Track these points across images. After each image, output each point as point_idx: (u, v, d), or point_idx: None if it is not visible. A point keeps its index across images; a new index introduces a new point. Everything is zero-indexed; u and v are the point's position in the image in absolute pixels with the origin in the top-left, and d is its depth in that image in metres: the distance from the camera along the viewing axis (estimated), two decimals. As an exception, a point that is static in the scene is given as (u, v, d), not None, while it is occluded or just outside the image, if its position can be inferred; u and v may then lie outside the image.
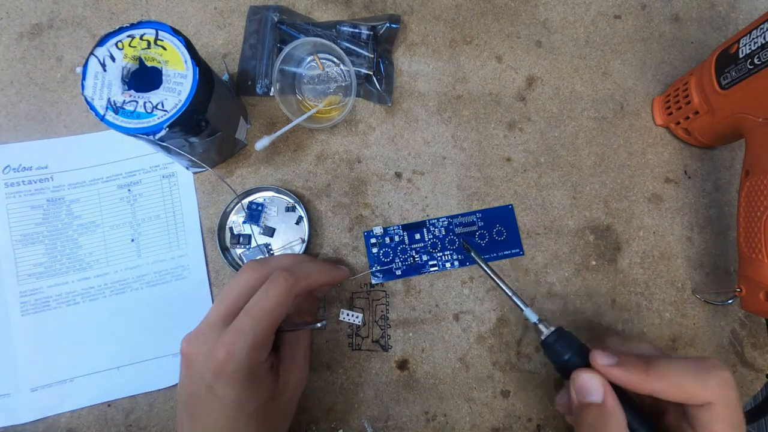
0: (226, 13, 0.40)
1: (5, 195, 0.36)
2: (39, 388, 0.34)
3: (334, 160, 0.38)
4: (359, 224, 0.37)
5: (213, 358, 0.25)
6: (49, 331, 0.35)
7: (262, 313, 0.26)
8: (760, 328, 0.37)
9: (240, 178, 0.38)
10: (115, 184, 0.37)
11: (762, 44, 0.29)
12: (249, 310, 0.27)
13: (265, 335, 0.26)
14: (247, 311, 0.27)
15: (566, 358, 0.27)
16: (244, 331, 0.26)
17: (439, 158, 0.39)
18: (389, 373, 0.35)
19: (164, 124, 0.28)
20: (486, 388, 0.35)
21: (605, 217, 0.38)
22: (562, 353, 0.27)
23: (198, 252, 0.37)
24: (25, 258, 0.36)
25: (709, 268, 0.38)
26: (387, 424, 0.35)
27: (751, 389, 0.36)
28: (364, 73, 0.38)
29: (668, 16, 0.42)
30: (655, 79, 0.41)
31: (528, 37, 0.41)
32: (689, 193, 0.39)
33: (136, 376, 0.35)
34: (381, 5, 0.41)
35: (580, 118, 0.40)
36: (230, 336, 0.26)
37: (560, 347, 0.28)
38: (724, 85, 0.33)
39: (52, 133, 0.38)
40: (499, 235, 0.37)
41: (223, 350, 0.25)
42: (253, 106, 0.39)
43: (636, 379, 0.24)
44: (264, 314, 0.26)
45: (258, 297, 0.27)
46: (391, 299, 0.36)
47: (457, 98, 0.40)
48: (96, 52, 0.29)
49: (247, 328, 0.26)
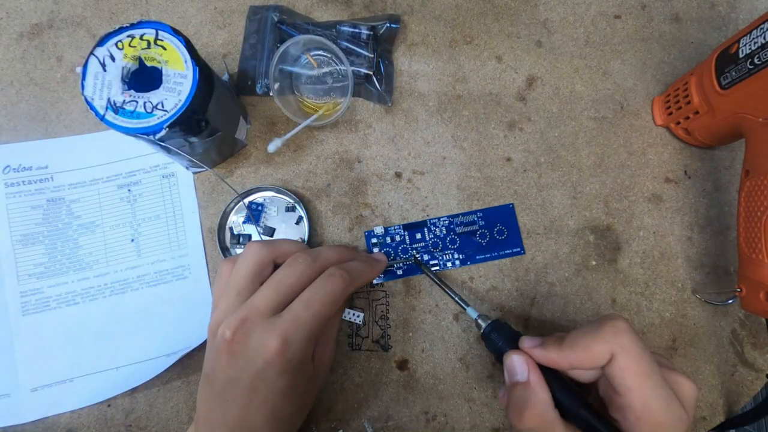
0: (226, 13, 0.40)
1: (5, 195, 0.36)
2: (39, 388, 0.34)
3: (334, 160, 0.38)
4: (359, 224, 0.37)
5: (265, 346, 0.25)
6: (49, 331, 0.35)
7: (319, 307, 0.27)
8: (760, 328, 0.37)
9: (240, 178, 0.38)
10: (115, 184, 0.37)
11: (762, 44, 0.29)
12: (308, 303, 0.27)
13: (319, 328, 0.27)
14: (306, 303, 0.27)
15: (500, 345, 0.29)
16: (301, 323, 0.26)
17: (439, 158, 0.39)
18: (389, 373, 0.35)
19: (164, 124, 0.28)
20: (486, 388, 0.35)
21: (605, 217, 0.38)
22: (497, 341, 0.29)
23: (198, 252, 0.37)
24: (25, 258, 0.36)
25: (709, 268, 0.38)
26: (387, 424, 0.35)
27: (751, 389, 0.36)
28: (364, 72, 0.38)
29: (668, 16, 0.42)
30: (655, 79, 0.41)
31: (528, 37, 0.41)
32: (689, 193, 0.39)
33: (136, 377, 0.35)
34: (381, 5, 0.41)
35: (580, 118, 0.40)
36: (286, 326, 0.26)
37: (495, 337, 0.30)
38: (724, 85, 0.33)
39: (52, 133, 0.38)
40: (500, 234, 0.37)
41: (278, 340, 0.25)
42: (253, 106, 0.39)
43: (554, 355, 0.26)
44: (321, 308, 0.27)
45: (315, 290, 0.27)
46: (391, 299, 0.36)
47: (457, 98, 0.40)
48: (96, 52, 0.29)
49: (304, 319, 0.26)
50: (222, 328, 0.26)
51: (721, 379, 0.36)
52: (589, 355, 0.25)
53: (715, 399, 0.36)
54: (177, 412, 0.35)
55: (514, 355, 0.27)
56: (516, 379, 0.26)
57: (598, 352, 0.24)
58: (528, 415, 0.25)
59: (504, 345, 0.29)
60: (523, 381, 0.26)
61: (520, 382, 0.26)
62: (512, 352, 0.27)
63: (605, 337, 0.24)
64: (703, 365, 0.36)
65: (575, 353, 0.25)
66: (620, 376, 0.24)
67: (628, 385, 0.24)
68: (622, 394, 0.24)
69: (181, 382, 0.35)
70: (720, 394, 0.36)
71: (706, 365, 0.36)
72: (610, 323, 0.25)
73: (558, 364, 0.26)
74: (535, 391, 0.25)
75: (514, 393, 0.26)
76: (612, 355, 0.24)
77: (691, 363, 0.36)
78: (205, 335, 0.34)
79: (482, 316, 0.31)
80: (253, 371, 0.26)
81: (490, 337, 0.30)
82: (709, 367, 0.36)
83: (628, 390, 0.24)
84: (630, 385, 0.24)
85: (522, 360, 0.27)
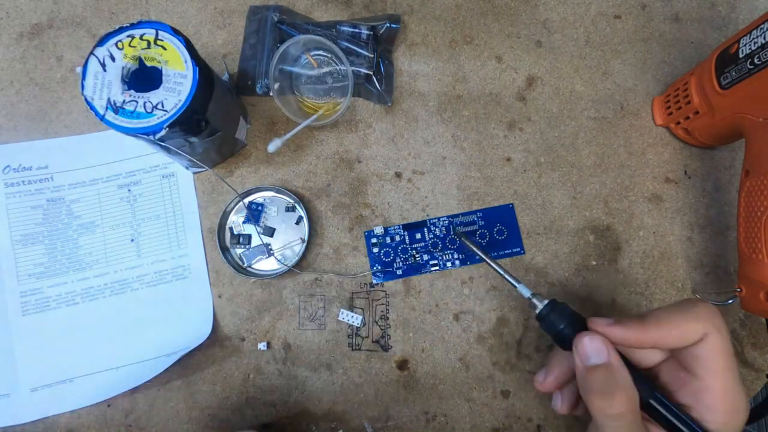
0: (226, 13, 0.40)
1: (5, 195, 0.36)
2: (39, 388, 0.34)
3: (334, 160, 0.38)
4: (359, 224, 0.37)
5: None
6: (49, 331, 0.35)
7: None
8: (760, 328, 0.37)
9: (240, 178, 0.38)
10: (115, 184, 0.37)
11: (762, 44, 0.29)
12: None
13: None
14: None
15: (561, 327, 0.27)
16: None
17: (439, 158, 0.39)
18: (389, 373, 0.35)
19: (164, 124, 0.28)
20: (486, 388, 0.35)
21: (605, 217, 0.38)
22: (557, 323, 0.27)
23: (198, 252, 0.37)
24: (25, 258, 0.36)
25: (709, 268, 0.38)
26: (387, 424, 0.35)
27: (751, 389, 0.36)
28: (364, 72, 0.38)
29: (668, 16, 0.42)
30: (655, 79, 0.41)
31: (528, 37, 0.41)
32: (689, 193, 0.39)
33: (136, 377, 0.35)
34: (381, 5, 0.41)
35: (580, 118, 0.40)
36: None
37: (555, 318, 0.27)
38: (724, 85, 0.33)
39: (52, 133, 0.38)
40: (499, 234, 0.37)
41: None
42: (253, 106, 0.39)
43: (635, 333, 0.24)
44: None
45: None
46: (391, 299, 0.36)
47: (457, 98, 0.40)
48: (96, 52, 0.29)
49: None
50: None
51: (721, 379, 0.36)
52: (678, 334, 0.24)
53: (715, 399, 0.36)
54: (177, 412, 0.35)
55: (587, 337, 0.25)
56: (593, 362, 0.24)
57: (691, 330, 0.23)
58: (619, 398, 0.23)
59: (567, 327, 0.27)
60: (605, 363, 0.24)
61: (600, 364, 0.24)
62: (584, 333, 0.25)
63: (700, 316, 0.24)
64: (703, 365, 0.36)
65: (660, 332, 0.24)
66: (710, 357, 0.23)
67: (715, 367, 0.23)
68: (702, 377, 0.23)
69: (181, 382, 0.35)
70: (720, 394, 0.36)
71: (706, 365, 0.36)
72: (702, 305, 0.24)
73: (641, 341, 0.24)
74: (620, 373, 0.24)
75: (593, 377, 0.24)
76: (704, 334, 0.23)
77: (691, 363, 0.36)
78: (204, 335, 0.34)
79: (536, 295, 0.29)
80: None
81: (549, 319, 0.27)
82: (709, 367, 0.36)
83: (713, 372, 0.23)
84: (717, 367, 0.23)
85: (600, 341, 0.25)
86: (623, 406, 0.23)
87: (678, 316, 0.24)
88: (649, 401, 0.24)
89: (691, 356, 0.24)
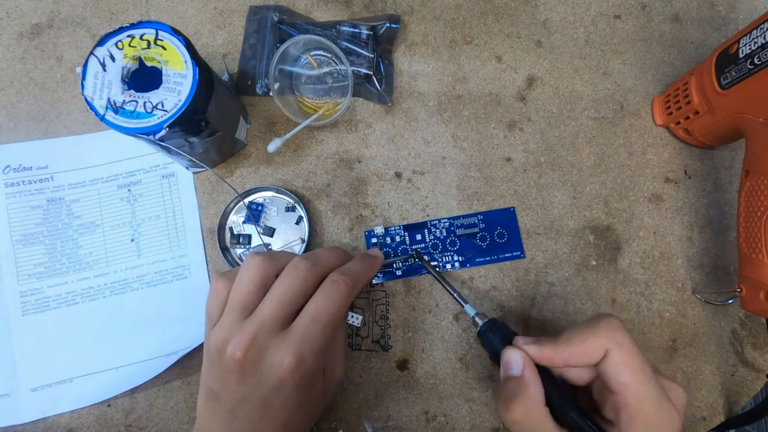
0: (226, 13, 0.40)
1: (5, 195, 0.36)
2: (39, 388, 0.34)
3: (334, 160, 0.38)
4: (359, 224, 0.37)
5: (279, 365, 0.25)
6: (49, 331, 0.35)
7: (328, 318, 0.26)
8: (760, 328, 0.37)
9: (240, 178, 0.38)
10: (115, 184, 0.37)
11: (762, 44, 0.29)
12: (316, 316, 0.26)
13: (329, 340, 0.27)
14: (315, 317, 0.26)
15: (495, 343, 0.29)
16: (312, 338, 0.26)
17: (439, 158, 0.39)
18: (389, 373, 0.35)
19: (164, 124, 0.28)
20: (486, 388, 0.35)
21: (605, 217, 0.38)
22: (493, 339, 0.30)
23: (198, 252, 0.37)
24: (25, 258, 0.36)
25: (709, 268, 0.38)
26: (387, 424, 0.35)
27: (751, 389, 0.36)
28: (364, 72, 0.38)
29: (668, 16, 0.42)
30: (655, 79, 0.41)
31: (528, 37, 0.41)
32: (689, 193, 0.39)
33: (136, 377, 0.35)
34: (381, 5, 0.41)
35: (580, 118, 0.40)
36: (298, 342, 0.25)
37: (491, 335, 0.30)
38: (724, 85, 0.33)
39: (52, 133, 0.38)
40: (500, 237, 0.37)
41: (292, 357, 0.25)
42: (253, 106, 0.39)
43: (549, 351, 0.26)
44: (330, 319, 0.26)
45: (322, 301, 0.27)
46: (391, 299, 0.36)
47: (457, 98, 0.40)
48: (96, 52, 0.29)
49: (315, 333, 0.26)
50: (231, 348, 0.25)
51: (721, 379, 0.36)
52: (584, 350, 0.25)
53: (715, 399, 0.36)
54: (177, 412, 0.35)
55: (510, 350, 0.27)
56: (510, 374, 0.27)
57: (594, 347, 0.25)
58: (514, 407, 0.25)
59: (499, 343, 0.29)
60: (517, 375, 0.26)
61: (514, 376, 0.26)
62: (509, 347, 0.28)
63: (600, 333, 0.25)
64: (703, 365, 0.36)
65: (570, 349, 0.25)
66: (615, 372, 0.24)
67: (623, 381, 0.24)
68: (617, 392, 0.24)
69: (181, 382, 0.35)
70: (720, 394, 0.36)
71: (706, 365, 0.36)
72: (605, 320, 0.25)
73: (553, 360, 0.26)
74: (527, 386, 0.26)
75: (506, 386, 0.26)
76: (607, 350, 0.24)
77: (691, 363, 0.36)
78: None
79: (480, 314, 0.32)
80: (267, 389, 0.25)
81: (486, 336, 0.30)
82: (709, 367, 0.36)
83: (623, 386, 0.24)
84: (625, 381, 0.24)
85: (518, 355, 0.27)
86: (518, 414, 0.25)
87: (583, 334, 0.25)
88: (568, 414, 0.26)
89: (602, 372, 0.25)
